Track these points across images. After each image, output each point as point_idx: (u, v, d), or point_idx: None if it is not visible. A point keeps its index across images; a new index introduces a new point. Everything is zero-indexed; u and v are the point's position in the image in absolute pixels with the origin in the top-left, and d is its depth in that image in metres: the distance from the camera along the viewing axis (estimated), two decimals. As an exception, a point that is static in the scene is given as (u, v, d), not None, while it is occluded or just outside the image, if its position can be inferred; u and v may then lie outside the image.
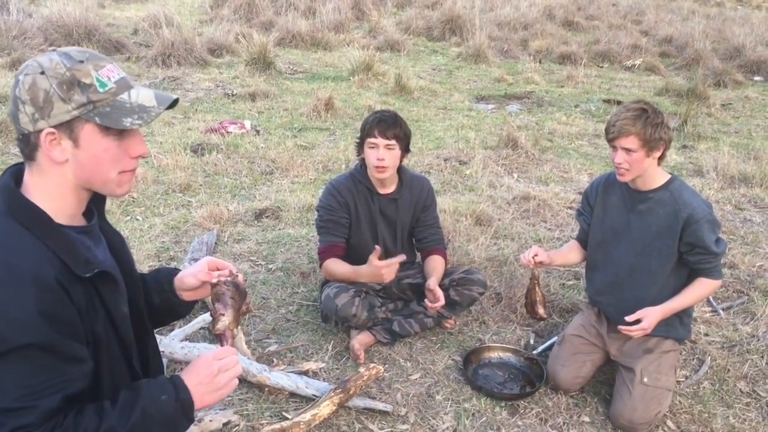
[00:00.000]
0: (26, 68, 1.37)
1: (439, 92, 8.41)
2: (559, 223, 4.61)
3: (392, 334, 3.14)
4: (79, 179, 1.42)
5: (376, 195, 3.13)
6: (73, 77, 1.36)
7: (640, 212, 2.71)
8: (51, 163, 1.40)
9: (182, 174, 4.97)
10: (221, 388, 1.50)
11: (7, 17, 8.85)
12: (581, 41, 12.37)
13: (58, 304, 1.33)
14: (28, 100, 1.34)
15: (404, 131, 3.00)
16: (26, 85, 1.34)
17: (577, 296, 3.64)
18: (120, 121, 1.40)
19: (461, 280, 3.19)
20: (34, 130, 1.36)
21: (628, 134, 2.53)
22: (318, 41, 10.57)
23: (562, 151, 6.30)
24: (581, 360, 2.90)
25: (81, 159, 1.40)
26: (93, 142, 1.39)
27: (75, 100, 1.36)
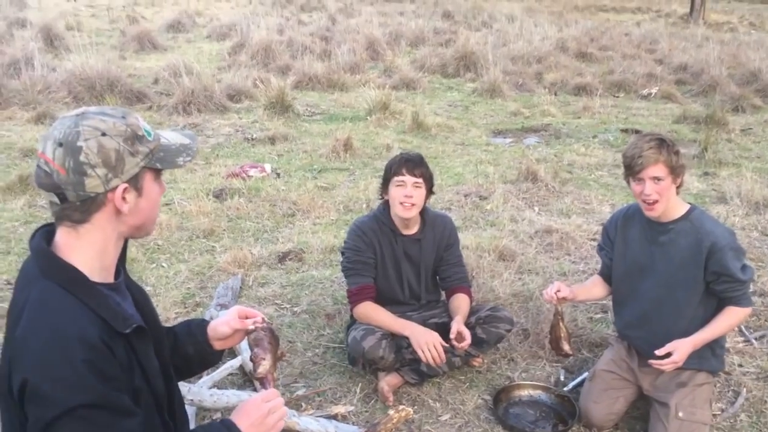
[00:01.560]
0: (78, 135, 1.39)
1: (456, 128, 8.46)
2: (584, 255, 4.57)
3: (420, 374, 3.10)
4: (131, 227, 1.51)
5: (399, 236, 3.16)
6: (133, 132, 1.45)
7: (662, 244, 2.69)
8: (110, 219, 1.46)
9: (205, 219, 5.03)
10: (271, 429, 1.56)
11: (32, 72, 9.09)
12: (596, 72, 12.41)
13: (104, 362, 1.36)
14: (100, 162, 1.40)
15: (429, 171, 3.11)
16: (94, 149, 1.39)
17: (605, 330, 3.59)
18: (175, 161, 1.52)
19: (487, 318, 3.16)
20: (107, 189, 1.42)
21: (657, 162, 2.54)
22: (334, 83, 10.71)
23: (582, 183, 6.29)
24: (614, 396, 2.85)
25: (141, 206, 1.49)
26: (151, 188, 1.51)
27: (140, 152, 1.46)
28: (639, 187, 2.61)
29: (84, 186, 1.40)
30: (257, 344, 1.77)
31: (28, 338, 1.34)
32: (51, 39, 12.82)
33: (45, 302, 1.38)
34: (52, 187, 1.41)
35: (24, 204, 5.29)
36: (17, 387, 1.32)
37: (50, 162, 1.39)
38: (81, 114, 1.44)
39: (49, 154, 1.40)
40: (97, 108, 1.48)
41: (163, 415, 1.58)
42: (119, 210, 1.45)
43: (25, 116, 7.95)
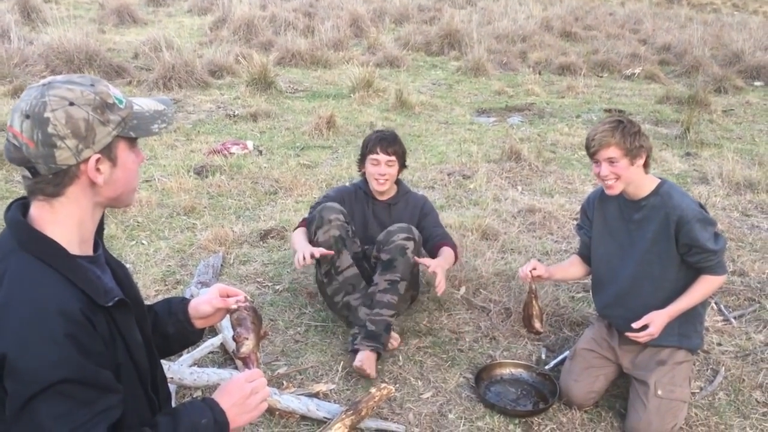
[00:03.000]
0: (44, 106, 1.34)
1: (440, 107, 8.42)
2: (566, 235, 4.58)
3: (374, 336, 3.04)
4: (108, 197, 1.46)
5: (372, 200, 3.47)
6: (102, 101, 1.40)
7: (637, 221, 2.72)
8: (85, 191, 1.42)
9: (186, 196, 4.97)
10: (253, 410, 1.55)
11: (8, 45, 8.89)
12: (580, 51, 12.40)
13: (86, 336, 1.33)
14: (69, 133, 1.35)
15: (402, 148, 3.42)
16: (62, 119, 1.34)
17: (586, 309, 3.61)
18: (149, 129, 1.48)
19: (384, 235, 3.22)
20: (78, 161, 1.38)
21: (609, 145, 2.58)
22: (317, 59, 10.60)
23: (565, 162, 6.29)
24: (594, 374, 2.87)
25: (116, 176, 1.45)
26: (125, 157, 1.46)
27: (112, 121, 1.41)
28: (597, 168, 2.67)
29: (54, 158, 1.35)
30: (240, 324, 1.75)
31: (6, 312, 1.30)
32: (28, 11, 12.52)
33: (24, 275, 1.34)
34: (23, 161, 1.37)
35: (1, 179, 5.19)
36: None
37: (18, 135, 1.35)
38: (47, 84, 1.39)
39: (17, 127, 1.35)
40: (64, 77, 1.43)
41: (147, 389, 1.57)
42: (94, 182, 1.41)
43: (1, 89, 7.78)
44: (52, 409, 1.27)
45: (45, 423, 1.27)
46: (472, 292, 3.72)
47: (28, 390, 1.26)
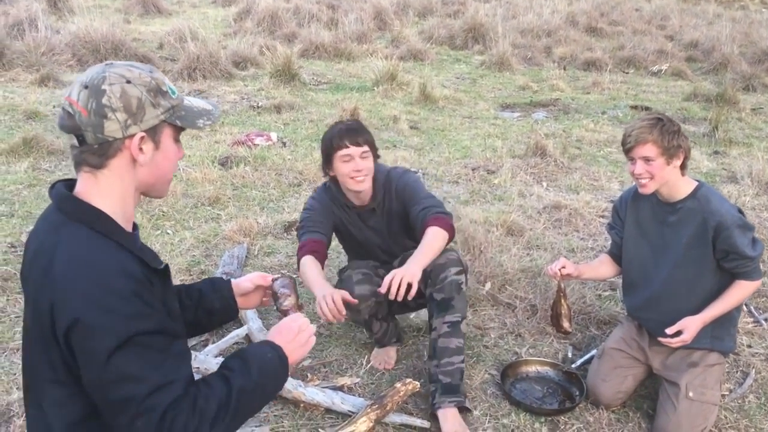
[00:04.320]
0: (103, 80, 1.43)
1: (464, 101, 8.37)
2: (592, 232, 4.53)
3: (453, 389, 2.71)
4: (146, 181, 1.52)
5: (354, 210, 2.93)
6: (156, 85, 1.48)
7: (672, 224, 2.65)
8: (127, 167, 1.48)
9: (211, 187, 4.98)
10: (305, 344, 1.67)
11: (35, 34, 8.96)
12: (606, 47, 12.26)
13: (149, 293, 1.41)
14: (121, 107, 1.43)
15: (371, 136, 2.83)
16: (117, 93, 1.42)
17: (614, 307, 3.56)
18: (195, 122, 1.55)
19: (435, 270, 2.73)
20: (125, 135, 1.44)
21: (645, 142, 2.50)
22: (341, 52, 10.58)
23: (591, 159, 6.22)
24: (623, 374, 2.83)
25: (157, 160, 1.51)
26: (168, 144, 1.53)
27: (162, 105, 1.49)
28: (631, 167, 2.59)
29: (103, 128, 1.43)
30: (282, 285, 1.92)
31: (71, 279, 1.36)
32: (55, 1, 12.62)
33: (80, 243, 1.41)
34: (73, 128, 1.44)
35: (28, 167, 5.24)
36: (63, 329, 1.34)
37: (74, 103, 1.43)
38: (110, 63, 1.49)
39: (74, 96, 1.43)
40: (126, 61, 1.54)
41: None
42: (135, 159, 1.47)
43: (29, 78, 7.86)
44: (136, 358, 1.34)
45: (134, 372, 1.33)
46: (498, 288, 3.68)
47: (109, 345, 1.32)
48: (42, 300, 1.39)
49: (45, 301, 1.37)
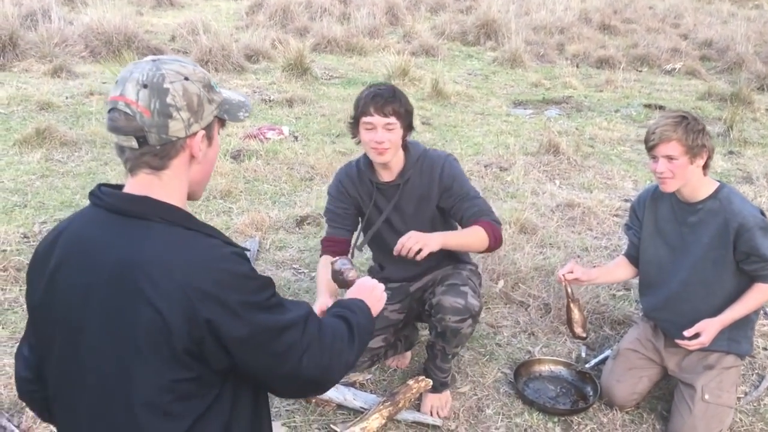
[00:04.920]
0: (163, 78, 1.37)
1: (476, 97, 8.33)
2: (606, 231, 4.50)
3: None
4: (196, 179, 1.48)
5: (378, 184, 2.71)
6: (208, 81, 1.45)
7: (692, 225, 2.61)
8: (185, 166, 1.44)
9: (222, 180, 4.97)
10: (380, 299, 1.82)
11: (48, 25, 8.98)
12: (619, 45, 12.17)
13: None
14: (185, 105, 1.38)
15: (405, 106, 2.56)
16: (180, 92, 1.38)
17: (628, 307, 3.54)
18: (237, 115, 1.53)
19: (436, 306, 2.62)
20: (188, 134, 1.41)
21: (669, 140, 2.45)
22: (353, 46, 10.55)
23: (604, 157, 6.18)
24: (637, 375, 2.80)
25: (209, 156, 1.49)
26: (217, 139, 1.51)
27: (215, 101, 1.46)
28: (654, 165, 2.54)
29: (167, 129, 1.37)
30: (342, 264, 2.12)
31: (193, 284, 1.30)
32: (67, -8, 12.65)
33: (180, 242, 1.36)
34: (133, 130, 1.36)
35: (41, 157, 5.24)
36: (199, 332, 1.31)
37: (132, 103, 1.35)
38: (158, 59, 1.42)
39: (131, 96, 1.36)
40: (169, 56, 1.47)
41: None
42: (194, 156, 1.43)
43: (42, 69, 7.87)
44: (280, 310, 1.42)
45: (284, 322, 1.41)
46: (511, 287, 3.66)
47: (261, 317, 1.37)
48: (157, 316, 1.29)
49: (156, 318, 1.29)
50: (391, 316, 2.85)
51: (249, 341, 1.35)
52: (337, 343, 1.50)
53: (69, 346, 1.39)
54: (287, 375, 1.42)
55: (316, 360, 1.44)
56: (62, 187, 4.77)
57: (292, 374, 1.42)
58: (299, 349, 1.41)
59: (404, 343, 3.03)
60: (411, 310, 2.91)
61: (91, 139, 5.69)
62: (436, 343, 2.70)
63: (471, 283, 2.71)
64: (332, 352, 1.48)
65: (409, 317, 2.94)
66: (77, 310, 1.37)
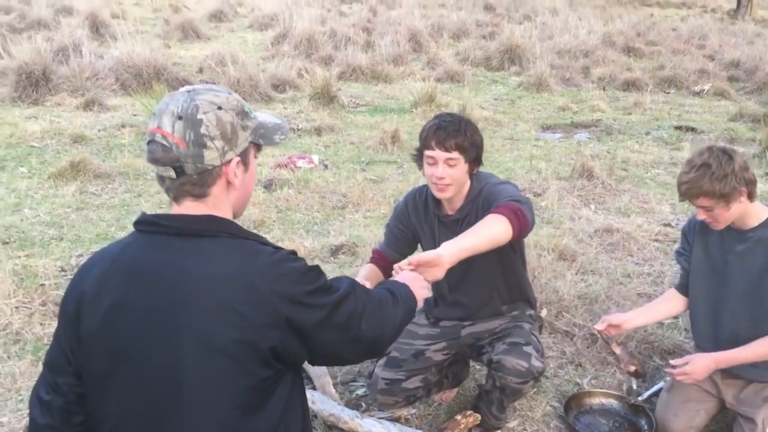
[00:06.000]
0: (197, 109, 1.41)
1: (504, 122, 8.28)
2: (647, 257, 4.39)
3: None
4: (235, 204, 1.53)
5: (440, 218, 2.58)
6: (242, 108, 1.49)
7: (739, 254, 2.51)
8: (224, 193, 1.48)
9: (256, 210, 4.95)
10: (422, 288, 1.88)
11: (80, 59, 9.12)
12: (645, 67, 12.10)
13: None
14: (218, 134, 1.43)
15: (471, 139, 2.40)
16: (213, 121, 1.42)
17: (677, 336, 3.43)
18: (273, 138, 1.56)
19: (497, 365, 2.50)
20: (223, 162, 1.45)
21: (698, 196, 2.38)
22: (378, 74, 10.60)
23: (639, 181, 6.09)
24: (694, 409, 2.69)
25: (246, 181, 1.53)
26: (253, 164, 1.56)
27: (249, 127, 1.50)
28: (696, 209, 2.49)
29: (203, 158, 1.42)
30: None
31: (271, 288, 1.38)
32: (97, 26, 12.92)
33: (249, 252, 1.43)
34: (171, 160, 1.42)
35: (75, 190, 5.28)
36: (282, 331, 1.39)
37: (169, 135, 1.41)
38: (192, 90, 1.47)
39: (167, 128, 1.41)
40: (203, 85, 1.52)
41: None
42: (231, 182, 1.48)
43: (74, 102, 7.98)
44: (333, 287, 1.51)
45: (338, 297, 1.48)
46: (555, 316, 3.57)
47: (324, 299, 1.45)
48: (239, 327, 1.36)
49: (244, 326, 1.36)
50: (434, 356, 2.75)
51: (321, 324, 1.44)
52: (384, 305, 1.63)
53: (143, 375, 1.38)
54: (351, 341, 1.53)
55: (372, 321, 1.55)
56: (97, 219, 4.79)
57: (356, 339, 1.53)
58: (357, 314, 1.52)
59: (452, 380, 2.95)
60: (459, 353, 2.82)
61: (124, 171, 5.73)
62: (492, 392, 2.61)
63: (534, 340, 2.58)
64: (382, 313, 1.61)
65: (452, 359, 2.84)
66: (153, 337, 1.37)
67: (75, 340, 1.44)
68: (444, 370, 2.86)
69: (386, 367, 2.70)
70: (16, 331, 3.28)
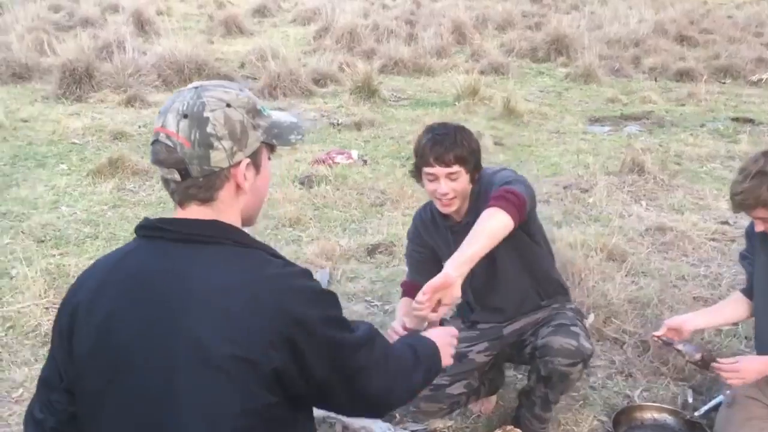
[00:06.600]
0: (203, 106, 1.29)
1: (550, 115, 8.01)
2: (703, 258, 4.13)
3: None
4: (247, 208, 1.40)
5: (452, 226, 2.47)
6: (253, 105, 1.37)
7: None
8: (233, 196, 1.36)
9: (291, 207, 4.84)
10: (451, 345, 1.72)
11: (123, 56, 9.17)
12: (699, 56, 11.60)
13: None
14: (226, 134, 1.30)
15: (469, 149, 2.30)
16: (221, 120, 1.30)
17: (737, 345, 3.18)
18: (288, 139, 1.43)
19: (543, 348, 2.38)
20: (232, 163, 1.32)
21: (753, 208, 2.17)
22: (420, 67, 10.40)
23: (693, 176, 5.78)
24: (758, 427, 2.45)
25: (258, 185, 1.40)
26: (266, 165, 1.42)
27: (261, 127, 1.37)
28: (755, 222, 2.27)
29: (209, 159, 1.30)
30: None
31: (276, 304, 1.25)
32: (142, 23, 13.02)
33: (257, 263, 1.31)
34: (176, 162, 1.30)
35: (113, 187, 5.26)
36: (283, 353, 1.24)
37: (173, 135, 1.29)
38: (200, 86, 1.35)
39: (172, 127, 1.29)
40: (215, 81, 1.39)
41: None
42: (240, 186, 1.35)
43: (116, 99, 8.01)
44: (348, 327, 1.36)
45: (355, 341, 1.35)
46: (603, 321, 3.35)
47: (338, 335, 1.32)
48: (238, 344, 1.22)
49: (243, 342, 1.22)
50: (477, 358, 2.61)
51: (326, 363, 1.29)
52: (402, 368, 1.48)
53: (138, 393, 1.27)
54: (354, 395, 1.38)
55: (383, 381, 1.41)
56: (133, 217, 4.75)
57: (359, 394, 1.38)
58: (369, 369, 1.37)
59: (488, 387, 2.77)
60: (501, 353, 2.67)
61: (162, 168, 5.69)
62: (535, 389, 2.46)
63: (580, 324, 2.47)
64: (397, 375, 1.46)
65: (497, 360, 2.70)
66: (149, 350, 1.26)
67: (68, 356, 1.33)
68: (481, 376, 2.70)
69: None
70: (45, 332, 3.22)
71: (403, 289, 2.67)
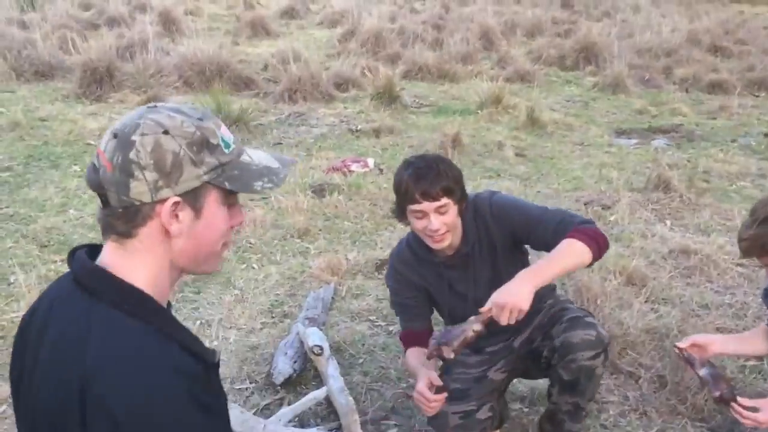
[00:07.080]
0: (138, 127, 1.13)
1: (575, 126, 7.79)
2: (729, 284, 3.91)
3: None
4: (185, 255, 1.21)
5: (443, 262, 2.36)
6: (202, 138, 1.17)
7: None
8: (159, 238, 1.17)
9: (301, 217, 4.72)
10: None
11: (145, 56, 9.16)
12: (733, 68, 11.27)
13: (208, 396, 1.14)
14: (151, 164, 1.12)
15: (453, 178, 2.17)
16: (148, 147, 1.12)
17: (762, 384, 2.97)
18: (250, 184, 1.22)
19: (563, 346, 2.26)
20: (154, 200, 1.14)
21: (760, 256, 2.04)
22: (445, 73, 10.23)
23: (722, 194, 5.53)
24: (781, 479, 2.27)
25: (197, 231, 1.20)
26: (214, 211, 1.21)
27: (207, 164, 1.17)
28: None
29: (128, 190, 1.13)
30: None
31: (114, 387, 1.05)
32: (168, 23, 13.04)
33: (118, 336, 1.10)
34: (96, 186, 1.16)
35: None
36: None
37: (101, 155, 1.15)
38: (152, 107, 1.19)
39: (102, 146, 1.15)
40: (176, 104, 1.24)
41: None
42: (167, 229, 1.16)
43: (136, 99, 7.96)
44: None
45: None
46: (617, 353, 3.15)
47: None
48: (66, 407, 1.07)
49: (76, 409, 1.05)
50: (495, 377, 2.49)
51: None
52: None
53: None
54: None
55: None
56: (140, 222, 4.66)
57: None
58: None
59: (494, 419, 2.61)
60: (515, 369, 2.54)
61: (174, 172, 5.61)
62: (560, 404, 2.35)
63: (587, 311, 2.44)
64: None
65: (512, 376, 2.58)
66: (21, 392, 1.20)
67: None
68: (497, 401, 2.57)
69: (453, 401, 2.37)
70: (36, 344, 3.13)
71: (404, 340, 2.50)
